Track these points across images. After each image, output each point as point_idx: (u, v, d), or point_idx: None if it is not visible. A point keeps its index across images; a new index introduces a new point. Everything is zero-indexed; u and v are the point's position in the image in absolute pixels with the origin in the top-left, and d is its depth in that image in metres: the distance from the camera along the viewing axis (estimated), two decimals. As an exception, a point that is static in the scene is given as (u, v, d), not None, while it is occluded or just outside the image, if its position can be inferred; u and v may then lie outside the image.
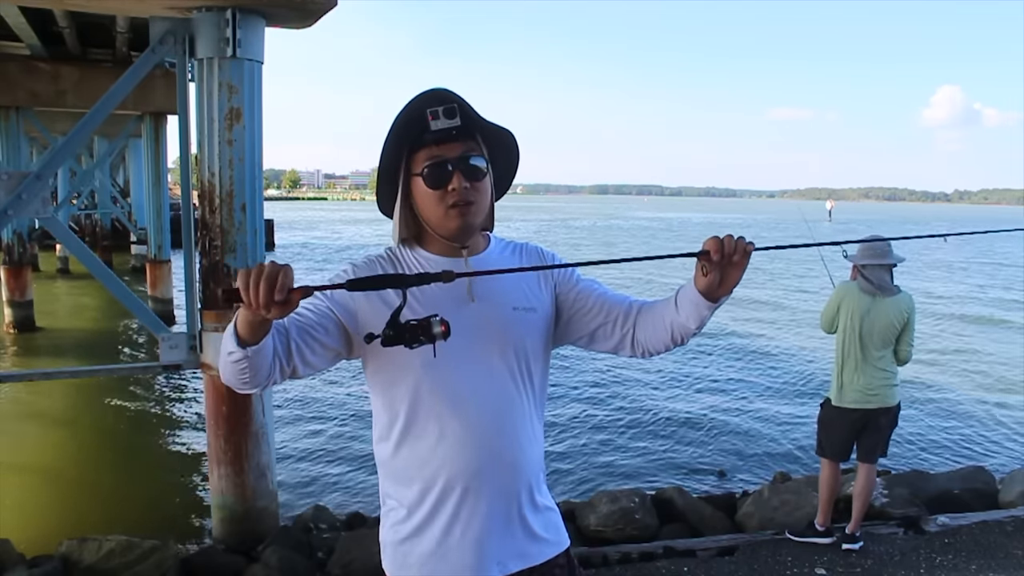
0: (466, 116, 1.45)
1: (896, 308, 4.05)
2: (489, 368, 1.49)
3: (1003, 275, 27.55)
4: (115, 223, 23.44)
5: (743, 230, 1.96)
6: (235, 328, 1.27)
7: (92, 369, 6.03)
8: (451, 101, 1.43)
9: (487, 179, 1.50)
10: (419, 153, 1.46)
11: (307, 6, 4.47)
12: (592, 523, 4.80)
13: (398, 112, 1.46)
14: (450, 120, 1.42)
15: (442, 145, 1.43)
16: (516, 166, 1.61)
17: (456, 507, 1.48)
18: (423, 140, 1.44)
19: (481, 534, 1.48)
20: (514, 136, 1.55)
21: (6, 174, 4.57)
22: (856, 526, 4.21)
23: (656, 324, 1.53)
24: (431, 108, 1.42)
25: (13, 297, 13.50)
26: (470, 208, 1.46)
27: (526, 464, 1.53)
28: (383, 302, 1.43)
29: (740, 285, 1.43)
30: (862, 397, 4.07)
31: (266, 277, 1.14)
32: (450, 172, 1.44)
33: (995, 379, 11.49)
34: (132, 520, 5.53)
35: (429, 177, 1.44)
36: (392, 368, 1.48)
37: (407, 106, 1.44)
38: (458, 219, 1.46)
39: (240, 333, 1.27)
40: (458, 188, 1.44)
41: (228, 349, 1.30)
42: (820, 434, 4.29)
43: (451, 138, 1.43)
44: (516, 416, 1.52)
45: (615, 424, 8.72)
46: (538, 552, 1.56)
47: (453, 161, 1.44)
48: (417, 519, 1.50)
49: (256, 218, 4.64)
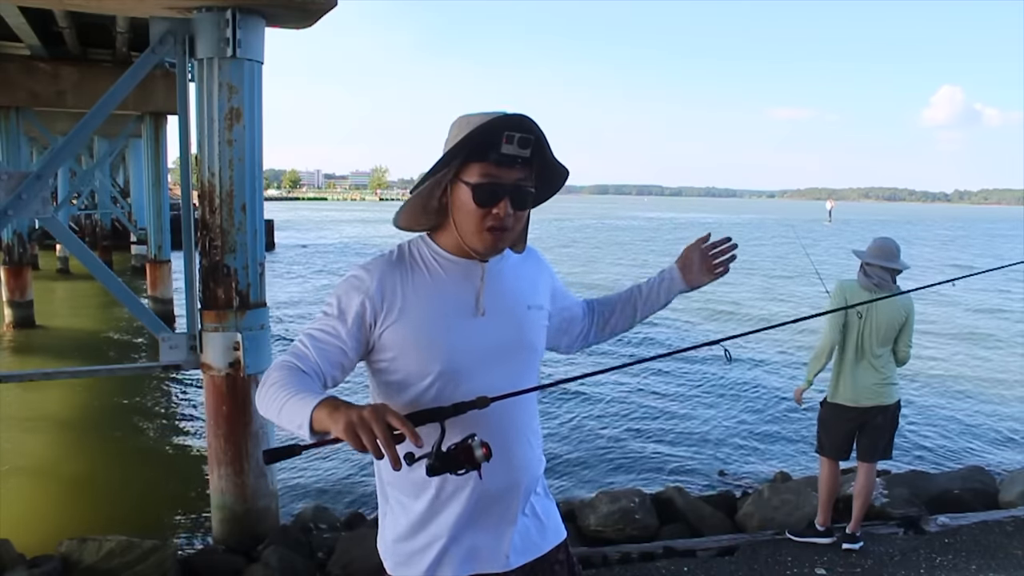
0: (537, 152, 1.45)
1: (896, 307, 4.05)
2: (504, 371, 1.51)
3: (1005, 276, 27.54)
4: (115, 223, 23.43)
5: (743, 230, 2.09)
6: (311, 420, 1.24)
7: (92, 369, 6.03)
8: (531, 133, 1.43)
9: (529, 207, 1.52)
10: (476, 165, 1.44)
11: (307, 6, 4.47)
12: (592, 523, 4.80)
13: (472, 119, 1.45)
14: (522, 150, 1.43)
15: (502, 168, 1.43)
16: (552, 195, 1.62)
17: (465, 507, 1.50)
18: (486, 156, 1.43)
19: (489, 532, 1.52)
20: (567, 176, 1.56)
21: (6, 174, 4.56)
22: (856, 526, 4.21)
23: (624, 313, 1.88)
24: (508, 132, 1.41)
25: (13, 297, 13.51)
26: (504, 235, 1.48)
27: (533, 461, 1.59)
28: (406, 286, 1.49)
29: (739, 286, 1.45)
30: (860, 395, 4.07)
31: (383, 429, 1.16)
32: (500, 196, 1.44)
33: (995, 379, 11.49)
34: (132, 520, 5.53)
35: (479, 194, 1.44)
36: (405, 376, 1.48)
37: (487, 122, 1.42)
38: (492, 243, 1.48)
39: (316, 427, 1.24)
40: (502, 214, 1.45)
41: (293, 428, 1.29)
42: (819, 432, 4.29)
43: (513, 165, 1.44)
44: (525, 416, 1.57)
45: (615, 424, 8.71)
46: (541, 542, 1.61)
47: (507, 187, 1.44)
48: (425, 520, 1.51)
49: (256, 218, 4.64)
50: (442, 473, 1.30)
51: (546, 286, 1.69)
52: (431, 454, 1.30)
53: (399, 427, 1.17)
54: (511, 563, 1.55)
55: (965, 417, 9.30)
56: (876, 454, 4.17)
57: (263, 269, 4.80)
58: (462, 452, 1.30)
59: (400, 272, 1.50)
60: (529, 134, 1.42)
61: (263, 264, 4.80)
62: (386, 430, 1.16)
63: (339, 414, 1.18)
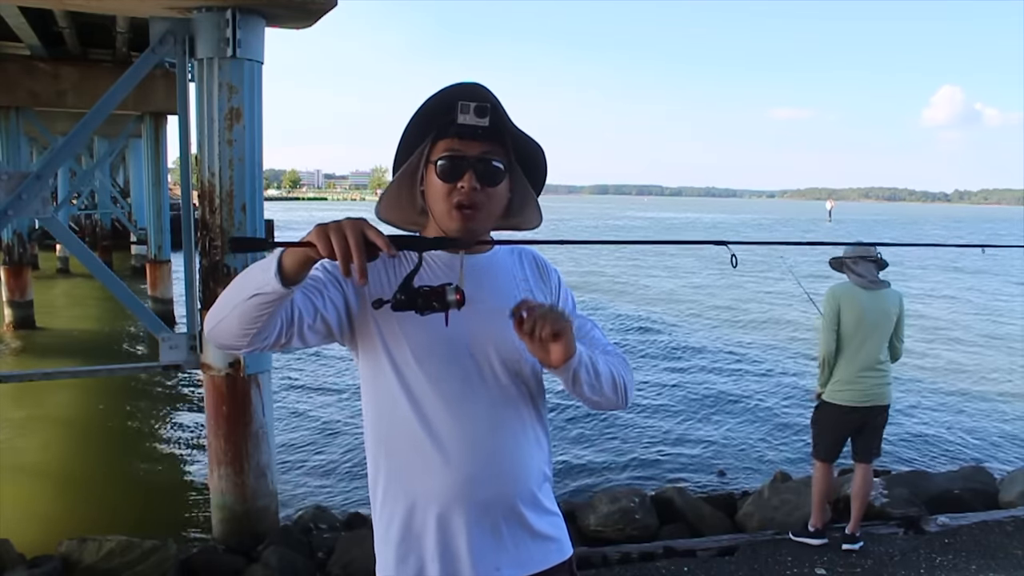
0: (496, 119, 1.41)
1: (889, 301, 4.09)
2: (485, 374, 1.45)
3: (1003, 274, 27.54)
4: (115, 223, 23.40)
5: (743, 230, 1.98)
6: (279, 265, 1.20)
7: (92, 369, 6.02)
8: (484, 99, 1.39)
9: (503, 185, 1.46)
10: (440, 143, 1.43)
11: (307, 6, 4.47)
12: (592, 523, 4.80)
13: (428, 97, 1.43)
14: (479, 118, 1.39)
15: (464, 141, 1.40)
16: (543, 179, 1.57)
17: (451, 513, 1.42)
18: (447, 131, 1.41)
19: (477, 541, 1.43)
20: (543, 150, 1.52)
21: (6, 174, 4.56)
22: (855, 526, 4.21)
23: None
24: (462, 101, 1.38)
25: (13, 297, 13.50)
26: (475, 213, 1.42)
27: (524, 471, 1.48)
28: (389, 274, 1.43)
29: (739, 287, 1.43)
30: (863, 396, 4.07)
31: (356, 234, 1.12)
32: (463, 169, 1.40)
33: (995, 379, 11.49)
34: (132, 520, 5.53)
35: (441, 169, 1.41)
36: (387, 365, 1.44)
37: (439, 93, 1.40)
38: (459, 221, 1.42)
39: (286, 268, 1.19)
40: (467, 187, 1.40)
41: (260, 287, 1.22)
42: (816, 435, 4.28)
43: (475, 136, 1.40)
44: (515, 422, 1.47)
45: (615, 424, 8.71)
46: (541, 558, 1.50)
47: (470, 159, 1.40)
48: (410, 525, 1.45)
49: (256, 218, 4.64)
50: (407, 309, 1.23)
51: (537, 293, 1.55)
52: (399, 287, 1.22)
53: (374, 238, 1.13)
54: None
55: (965, 417, 9.29)
56: (872, 454, 4.19)
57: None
58: (433, 292, 1.22)
59: (383, 260, 1.43)
60: (484, 102, 1.39)
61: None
62: (360, 237, 1.12)
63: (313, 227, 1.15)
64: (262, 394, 4.71)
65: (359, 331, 1.45)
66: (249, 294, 1.24)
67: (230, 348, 1.34)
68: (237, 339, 1.30)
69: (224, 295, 1.30)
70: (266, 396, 4.78)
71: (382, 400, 1.46)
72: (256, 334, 1.28)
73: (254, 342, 1.30)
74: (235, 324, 1.28)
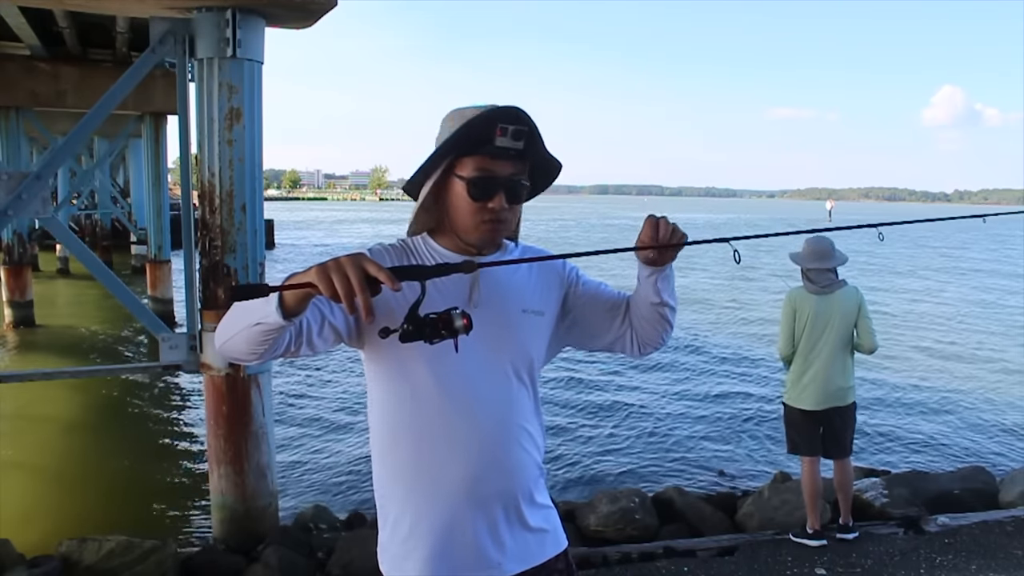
0: (530, 144, 1.44)
1: (845, 300, 4.12)
2: (492, 371, 1.48)
3: (1004, 275, 27.56)
4: (115, 223, 23.43)
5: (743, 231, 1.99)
6: (281, 299, 1.22)
7: (92, 369, 6.03)
8: (524, 125, 1.42)
9: (523, 201, 1.52)
10: (470, 159, 1.44)
11: (307, 6, 4.48)
12: (592, 523, 4.79)
13: (464, 112, 1.45)
14: (515, 142, 1.42)
15: (496, 161, 1.43)
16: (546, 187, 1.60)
17: (456, 510, 1.46)
18: (480, 149, 1.43)
19: (482, 537, 1.47)
20: (560, 169, 1.56)
21: (6, 174, 4.56)
22: (847, 516, 4.30)
23: (639, 309, 1.57)
24: (502, 124, 1.40)
25: (13, 297, 13.52)
26: (501, 226, 1.48)
27: (526, 467, 1.53)
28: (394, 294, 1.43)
29: (737, 289, 1.44)
30: (818, 399, 4.14)
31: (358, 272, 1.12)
32: (495, 190, 1.44)
33: (995, 379, 11.48)
34: (132, 520, 5.53)
35: (474, 188, 1.43)
36: (394, 364, 1.46)
37: (480, 114, 1.41)
38: (489, 234, 1.48)
39: (287, 303, 1.22)
40: (497, 207, 1.44)
41: (262, 317, 1.25)
42: (789, 433, 4.34)
43: (507, 157, 1.43)
44: (518, 419, 1.51)
45: (615, 424, 8.71)
46: (539, 551, 1.54)
47: (502, 181, 1.44)
48: (416, 521, 1.48)
49: (256, 218, 4.64)
50: (415, 339, 1.23)
51: (551, 288, 1.60)
52: (405, 318, 1.22)
53: (376, 273, 1.13)
54: (505, 571, 1.50)
55: (965, 417, 9.28)
56: (845, 451, 4.26)
57: (263, 269, 4.80)
58: (440, 320, 1.22)
59: (400, 262, 1.48)
60: (523, 126, 1.41)
61: (263, 264, 4.80)
62: (361, 274, 1.12)
63: (312, 267, 1.16)
64: (262, 394, 4.72)
65: (367, 334, 1.46)
66: (253, 322, 1.27)
67: (242, 363, 1.38)
68: (246, 356, 1.35)
69: (229, 316, 1.33)
70: (266, 396, 4.78)
71: (389, 398, 1.49)
72: (266, 352, 1.33)
73: (264, 357, 1.35)
74: (242, 345, 1.32)
